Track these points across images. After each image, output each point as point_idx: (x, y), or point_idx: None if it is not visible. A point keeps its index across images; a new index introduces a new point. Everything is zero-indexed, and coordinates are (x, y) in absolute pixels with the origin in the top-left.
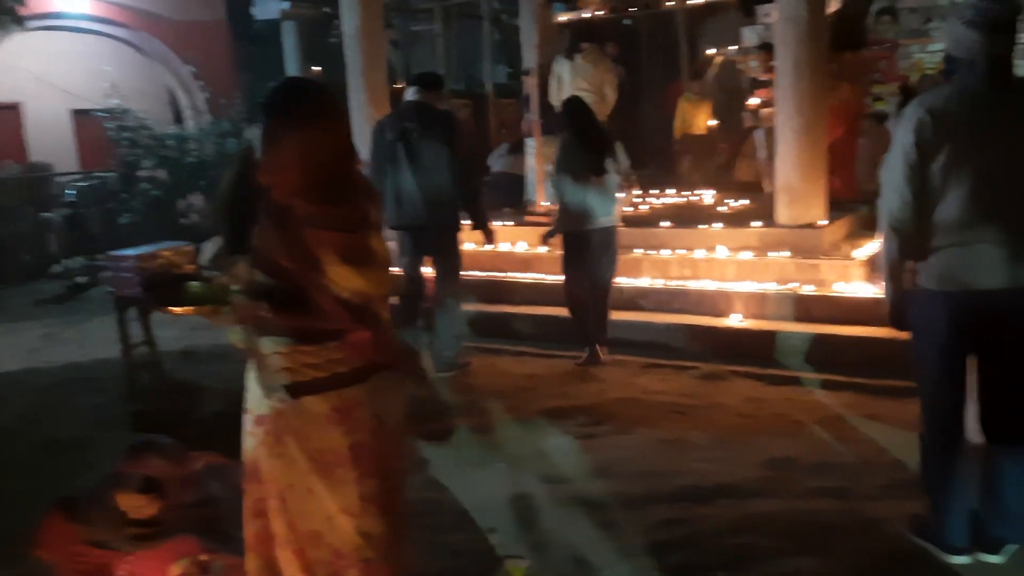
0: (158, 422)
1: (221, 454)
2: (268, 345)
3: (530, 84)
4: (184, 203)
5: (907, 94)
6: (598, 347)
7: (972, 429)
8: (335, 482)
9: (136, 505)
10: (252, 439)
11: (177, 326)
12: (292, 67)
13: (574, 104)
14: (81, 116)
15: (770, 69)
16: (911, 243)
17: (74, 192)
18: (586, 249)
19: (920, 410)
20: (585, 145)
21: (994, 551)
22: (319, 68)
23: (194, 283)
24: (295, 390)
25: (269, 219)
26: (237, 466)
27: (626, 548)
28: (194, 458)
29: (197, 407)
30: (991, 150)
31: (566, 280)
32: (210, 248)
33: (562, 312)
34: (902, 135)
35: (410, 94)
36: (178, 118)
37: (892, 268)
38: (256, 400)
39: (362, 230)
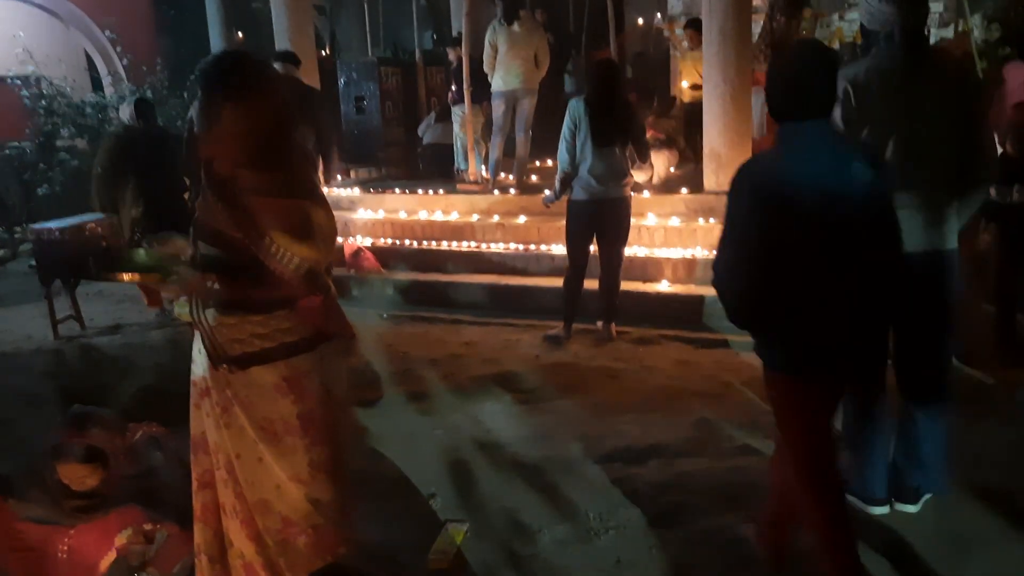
0: (87, 397)
1: (158, 424)
2: (215, 316)
3: (458, 53)
4: None
5: None
6: (607, 324)
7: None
8: (284, 450)
9: (78, 476)
10: (198, 411)
11: (104, 300)
12: (215, 33)
13: (599, 68)
14: None
15: (699, 44)
16: None
17: None
18: (593, 220)
19: None
20: (601, 112)
21: (912, 501)
22: (242, 35)
23: (140, 250)
24: (244, 361)
25: (212, 191)
26: (176, 436)
27: (563, 509)
28: (133, 429)
29: (127, 381)
30: (910, 120)
31: (570, 250)
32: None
33: (496, 279)
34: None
35: (276, 67)
36: (97, 85)
37: None
38: (202, 372)
39: (304, 197)
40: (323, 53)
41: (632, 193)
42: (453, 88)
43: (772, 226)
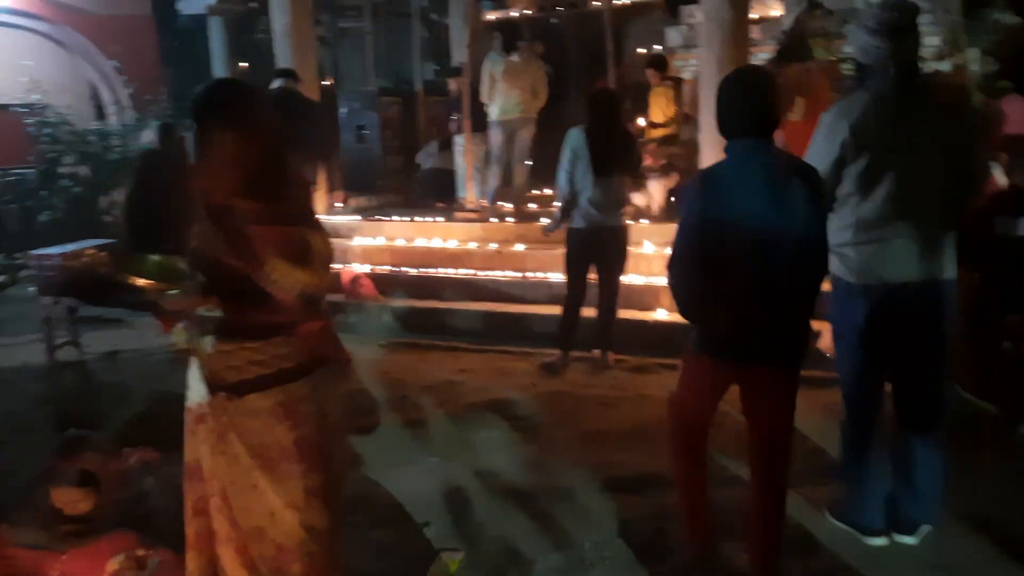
0: (83, 423)
1: (152, 449)
2: (212, 343)
3: (459, 83)
4: (107, 200)
5: None
6: (603, 352)
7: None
8: (279, 477)
9: (71, 500)
10: (193, 438)
11: (102, 327)
12: (219, 63)
13: (597, 97)
14: None
15: (660, 82)
16: None
17: None
18: (592, 248)
19: (841, 399)
20: (600, 140)
21: (909, 532)
22: (246, 64)
23: (153, 256)
24: (241, 388)
25: (209, 220)
26: (170, 461)
27: (558, 539)
28: (127, 454)
29: (123, 407)
30: (905, 153)
31: (569, 278)
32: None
33: (493, 307)
34: (820, 140)
35: (277, 83)
36: (101, 114)
37: None
38: (198, 398)
39: (301, 224)
40: (324, 83)
41: (630, 221)
42: (454, 118)
43: (709, 231)
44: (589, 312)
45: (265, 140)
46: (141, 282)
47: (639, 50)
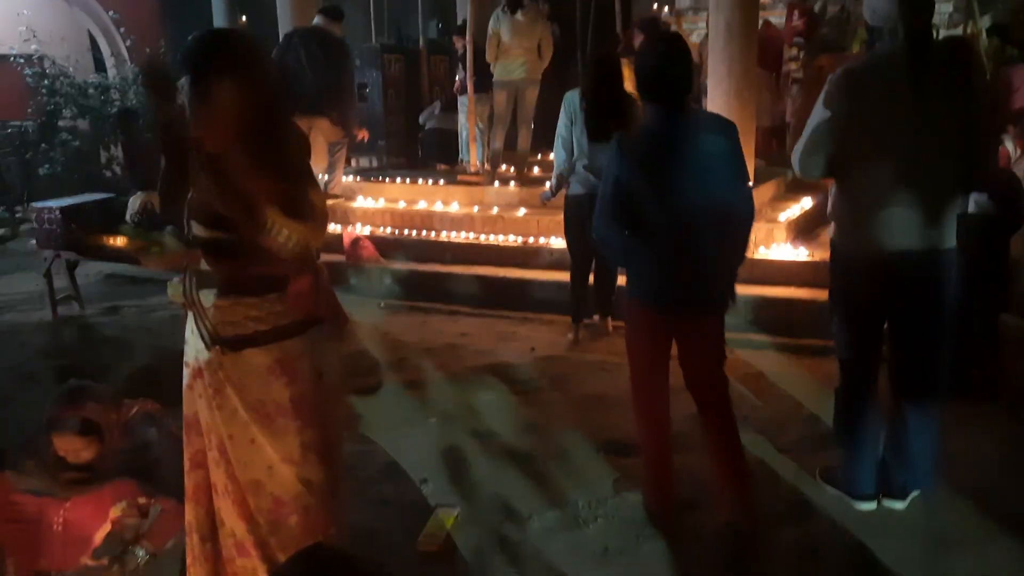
0: (85, 375)
1: (153, 400)
2: (209, 298)
3: (463, 41)
4: (107, 154)
5: None
6: (603, 318)
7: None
8: (276, 432)
9: (74, 448)
10: (191, 392)
11: (104, 281)
12: (219, 16)
13: (595, 60)
14: None
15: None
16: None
17: None
18: (590, 213)
19: (837, 366)
20: (598, 106)
21: (899, 497)
22: (245, 17)
23: (125, 225)
24: (237, 343)
25: (204, 170)
26: (170, 414)
27: (554, 498)
28: (128, 405)
29: (124, 360)
30: (910, 117)
31: (570, 245)
32: (133, 203)
33: (494, 272)
34: (821, 104)
35: (316, 20)
36: (100, 66)
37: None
38: (195, 353)
39: (299, 180)
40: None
41: None
42: (458, 77)
43: (632, 186)
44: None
45: (257, 88)
46: (119, 242)
47: (653, 9)
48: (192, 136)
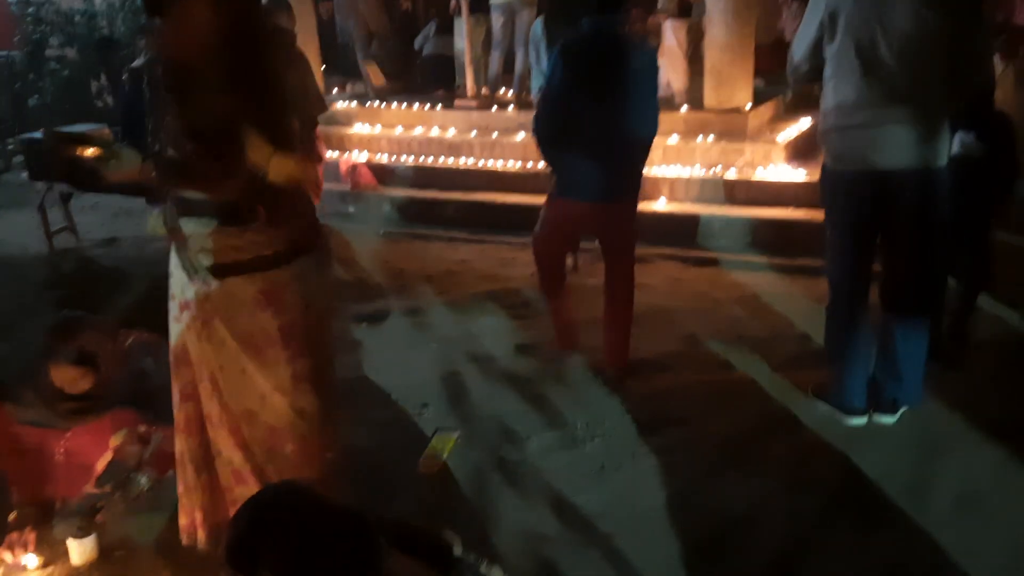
0: (83, 306)
1: (150, 331)
2: (190, 227)
3: None
4: (97, 83)
5: None
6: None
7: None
8: (266, 362)
9: (70, 378)
10: (178, 324)
11: (100, 213)
12: None
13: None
14: None
15: None
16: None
17: None
18: None
19: (828, 284)
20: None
21: (889, 412)
22: None
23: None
24: (218, 271)
25: (174, 84)
26: (167, 343)
27: (552, 418)
28: (124, 334)
29: (122, 291)
30: (887, 34)
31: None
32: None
33: (493, 197)
34: (809, 15)
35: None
36: None
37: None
38: (180, 285)
39: (278, 102)
40: None
41: None
42: None
43: (564, 90)
44: None
45: (229, 13)
46: (89, 152)
47: None
48: (162, 45)
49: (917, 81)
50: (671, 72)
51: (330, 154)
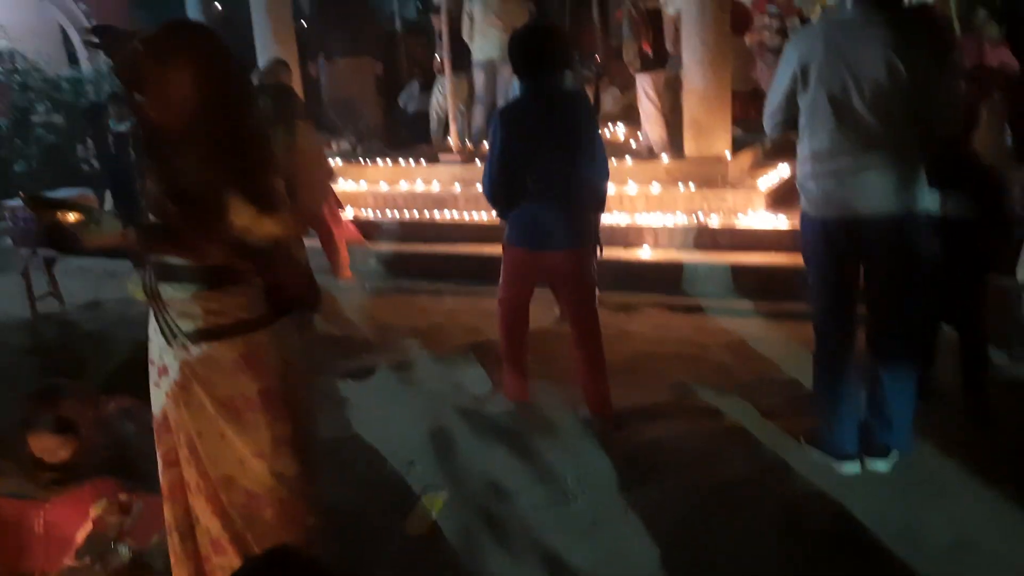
0: (65, 372)
1: (131, 397)
2: (169, 291)
3: (440, 21)
4: (84, 148)
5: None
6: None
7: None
8: (246, 426)
9: (49, 447)
10: (158, 390)
11: (84, 276)
12: (192, 5)
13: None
14: None
15: None
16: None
17: None
18: None
19: (813, 331)
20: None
21: (881, 456)
22: (220, 6)
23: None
24: (198, 337)
25: (155, 151)
26: (149, 407)
27: (541, 473)
28: (105, 400)
29: (105, 356)
30: (858, 82)
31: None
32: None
33: (478, 249)
34: (782, 67)
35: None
36: (73, 59)
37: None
38: (159, 351)
39: (260, 167)
40: (303, 22)
41: (615, 161)
42: (438, 57)
43: (506, 152)
44: None
45: (212, 80)
46: (70, 218)
47: None
48: (144, 114)
49: (890, 128)
50: (647, 124)
51: None
